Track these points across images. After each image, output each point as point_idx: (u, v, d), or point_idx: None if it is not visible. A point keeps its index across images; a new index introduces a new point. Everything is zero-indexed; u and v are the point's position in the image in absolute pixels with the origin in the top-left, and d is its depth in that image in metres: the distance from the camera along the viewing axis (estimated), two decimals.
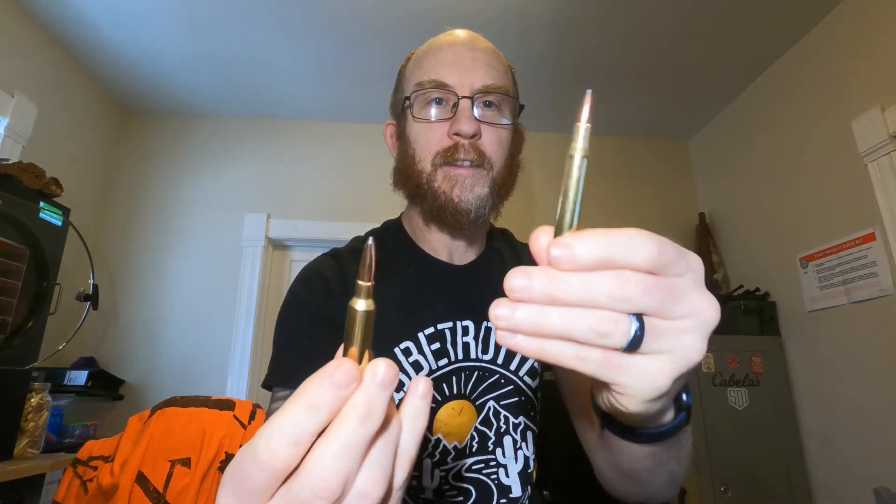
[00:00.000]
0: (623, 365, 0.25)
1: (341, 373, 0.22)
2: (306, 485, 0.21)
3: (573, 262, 0.23)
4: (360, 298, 0.24)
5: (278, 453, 0.21)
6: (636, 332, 0.24)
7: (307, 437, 0.22)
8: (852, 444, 1.79)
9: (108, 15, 1.99)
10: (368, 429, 0.22)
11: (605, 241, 0.23)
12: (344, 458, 0.21)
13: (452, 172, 0.63)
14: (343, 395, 0.22)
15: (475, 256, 0.73)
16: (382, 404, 0.22)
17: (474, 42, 0.68)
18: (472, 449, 0.63)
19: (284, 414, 0.22)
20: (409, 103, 0.67)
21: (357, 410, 0.22)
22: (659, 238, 0.24)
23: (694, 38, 2.09)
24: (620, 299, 0.23)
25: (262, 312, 2.43)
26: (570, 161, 0.25)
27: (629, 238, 0.24)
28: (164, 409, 1.10)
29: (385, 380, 0.22)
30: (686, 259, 0.25)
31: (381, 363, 0.23)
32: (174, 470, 0.99)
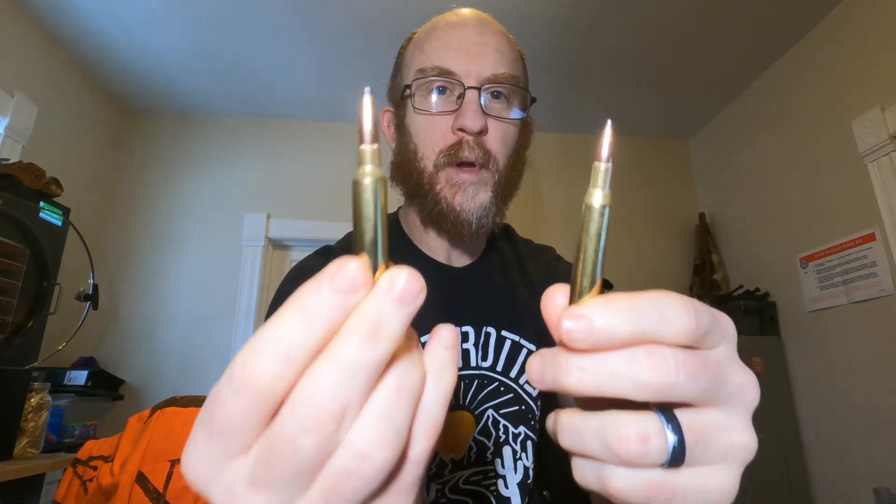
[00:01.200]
0: (669, 486, 0.19)
1: (344, 274, 0.17)
2: (291, 414, 0.16)
3: (591, 340, 0.19)
4: (365, 166, 0.18)
5: (261, 372, 0.16)
6: (674, 444, 0.19)
7: (299, 353, 0.17)
8: (852, 444, 1.79)
9: (109, 15, 1.99)
10: (375, 351, 0.17)
11: (631, 309, 0.19)
12: (340, 382, 0.16)
13: (456, 177, 0.59)
14: (347, 302, 0.17)
15: (475, 258, 0.69)
16: (397, 325, 0.17)
17: (483, 24, 0.62)
18: (469, 460, 0.59)
19: (270, 326, 0.17)
20: (411, 92, 0.61)
21: (362, 324, 0.17)
22: (691, 301, 0.20)
23: (694, 38, 2.09)
24: (657, 389, 0.18)
25: (262, 312, 2.43)
26: (590, 211, 0.20)
27: (660, 305, 0.19)
28: (164, 409, 1.10)
29: (405, 293, 0.17)
30: (720, 325, 0.21)
31: (402, 272, 0.18)
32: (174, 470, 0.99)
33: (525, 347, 0.63)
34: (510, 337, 0.63)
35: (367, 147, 0.18)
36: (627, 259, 2.60)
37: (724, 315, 0.21)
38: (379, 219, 0.18)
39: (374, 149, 0.18)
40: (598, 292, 0.20)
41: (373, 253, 0.18)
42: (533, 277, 0.69)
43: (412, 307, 0.17)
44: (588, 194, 0.20)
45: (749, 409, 0.21)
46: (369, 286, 0.17)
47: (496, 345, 0.62)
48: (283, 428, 0.17)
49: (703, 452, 0.20)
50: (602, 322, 0.18)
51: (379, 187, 0.18)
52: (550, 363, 0.20)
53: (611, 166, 0.20)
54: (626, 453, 0.19)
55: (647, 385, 0.18)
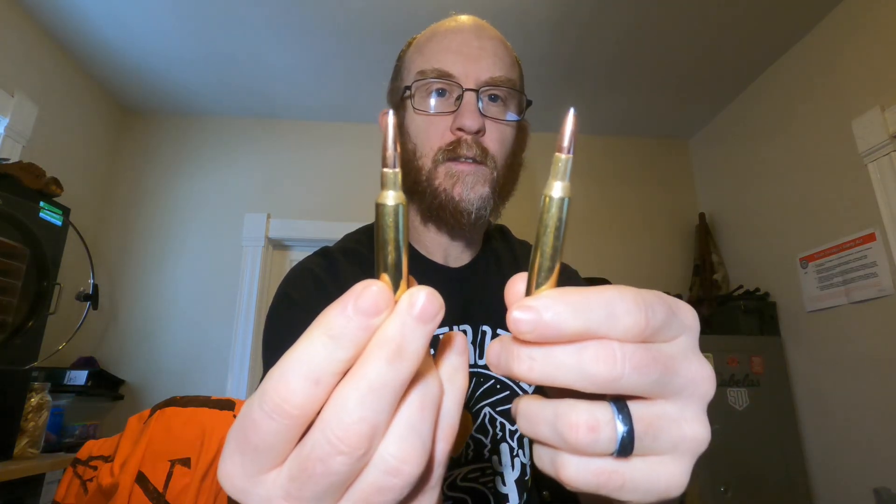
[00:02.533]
0: (618, 475, 0.20)
1: (368, 297, 0.18)
2: (323, 435, 0.17)
3: (539, 332, 0.19)
4: (388, 190, 0.19)
5: (292, 394, 0.17)
6: (623, 433, 0.19)
7: (327, 375, 0.17)
8: (852, 444, 1.79)
9: (109, 15, 1.99)
10: (399, 371, 0.17)
11: (581, 304, 0.19)
12: (368, 403, 0.17)
13: (454, 168, 0.60)
14: (371, 324, 0.18)
15: (471, 258, 0.70)
16: (418, 343, 0.18)
17: (481, 30, 0.64)
18: (467, 457, 0.59)
19: (299, 348, 0.18)
20: (410, 94, 0.63)
21: (386, 346, 0.17)
22: (646, 295, 0.20)
23: (694, 38, 2.09)
24: (603, 381, 0.19)
25: (262, 312, 2.43)
26: (549, 202, 0.19)
27: (611, 301, 0.19)
28: (164, 408, 1.10)
29: (425, 312, 0.18)
30: (678, 317, 0.21)
31: (421, 291, 0.18)
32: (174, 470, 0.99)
33: None
34: (506, 335, 0.63)
35: (389, 171, 0.19)
36: (627, 259, 2.60)
37: (685, 306, 0.21)
38: (401, 241, 0.19)
39: (396, 172, 0.19)
40: (554, 284, 0.20)
41: (394, 274, 0.19)
42: None
43: (432, 325, 0.18)
44: (548, 185, 0.20)
45: (703, 401, 0.21)
46: (391, 307, 0.18)
47: None
48: (314, 449, 0.17)
49: (653, 442, 0.20)
50: (550, 316, 0.19)
51: (401, 211, 0.19)
52: (505, 349, 0.21)
53: (572, 157, 0.19)
54: (576, 440, 0.19)
55: (594, 377, 0.19)
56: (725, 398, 1.99)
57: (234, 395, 2.10)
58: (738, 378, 2.02)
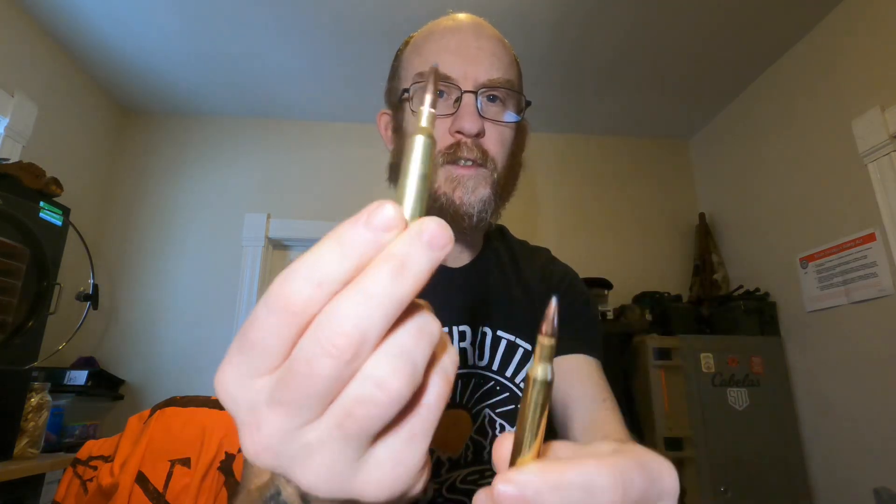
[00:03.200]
0: None
1: (382, 212, 0.18)
2: (313, 336, 0.17)
3: None
4: (425, 125, 0.20)
5: (294, 293, 0.17)
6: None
7: (331, 280, 0.18)
8: (852, 444, 1.79)
9: (109, 15, 1.99)
10: (399, 286, 0.18)
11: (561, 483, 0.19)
12: (363, 311, 0.17)
13: (454, 172, 0.59)
14: (381, 240, 0.18)
15: (471, 258, 0.69)
16: (422, 265, 0.18)
17: (479, 29, 0.63)
18: (466, 459, 0.59)
19: (308, 254, 0.18)
20: (409, 96, 0.62)
21: (390, 260, 0.18)
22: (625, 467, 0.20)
23: (694, 38, 2.09)
24: None
25: None
26: (533, 384, 0.21)
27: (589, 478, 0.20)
28: (164, 408, 1.10)
29: (434, 238, 0.18)
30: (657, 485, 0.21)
31: (432, 220, 0.19)
32: (174, 470, 0.99)
33: (521, 347, 0.64)
34: (506, 337, 0.64)
35: (428, 111, 0.20)
36: (628, 259, 2.60)
37: (666, 470, 0.22)
38: (424, 173, 0.20)
39: (433, 114, 0.20)
40: (535, 455, 0.22)
41: (411, 203, 0.20)
42: (528, 278, 0.70)
43: (439, 253, 0.18)
44: (532, 368, 0.21)
45: None
46: (402, 228, 0.18)
47: (492, 344, 0.63)
48: (302, 350, 0.18)
49: None
50: (531, 493, 0.19)
51: (428, 144, 0.20)
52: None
53: (554, 342, 0.21)
54: None
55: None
56: (725, 398, 1.99)
57: None
58: (738, 378, 2.02)
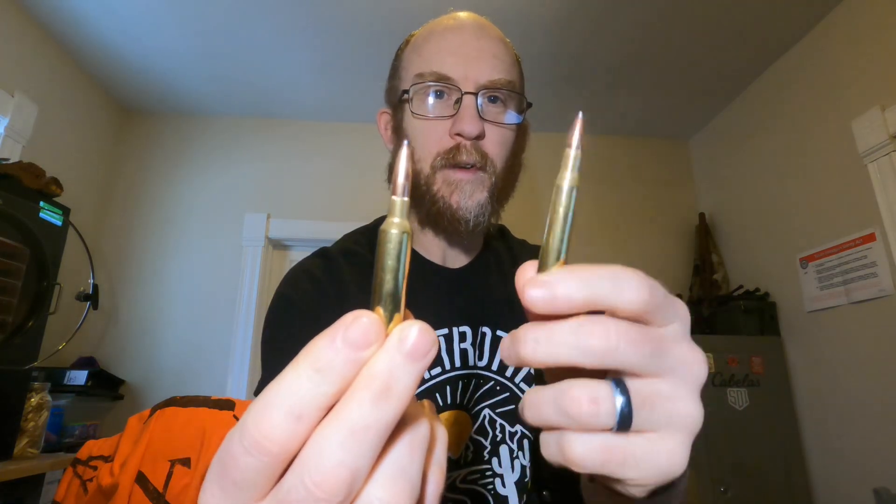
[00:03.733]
0: (620, 450, 0.21)
1: (358, 328, 0.17)
2: (300, 479, 0.16)
3: (553, 305, 0.20)
4: (394, 218, 0.18)
5: (273, 430, 0.16)
6: (622, 405, 0.20)
7: (311, 410, 0.16)
8: (852, 444, 1.79)
9: (109, 15, 1.99)
10: (384, 412, 0.16)
11: (589, 276, 0.20)
12: (349, 447, 0.16)
13: (453, 176, 0.59)
14: (360, 357, 0.17)
15: (471, 259, 0.69)
16: (406, 382, 0.17)
17: (481, 29, 0.62)
18: (466, 459, 0.59)
19: (282, 380, 0.17)
20: (409, 97, 0.61)
21: (372, 383, 0.16)
22: (647, 278, 0.21)
23: (694, 39, 2.09)
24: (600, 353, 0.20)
25: (261, 312, 2.43)
26: (558, 191, 0.22)
27: (616, 276, 0.20)
28: (164, 408, 1.10)
29: (416, 349, 0.17)
30: (674, 307, 0.22)
31: (413, 326, 0.17)
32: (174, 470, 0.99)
33: None
34: (505, 336, 0.63)
35: (398, 199, 0.19)
36: (627, 259, 2.60)
37: (680, 301, 0.23)
38: (401, 270, 0.18)
39: (404, 201, 0.19)
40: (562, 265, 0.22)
41: (389, 304, 0.18)
42: None
43: (423, 363, 0.17)
44: (559, 176, 0.22)
45: (695, 383, 0.22)
46: (382, 340, 0.17)
47: (492, 344, 0.63)
48: (290, 492, 0.16)
49: (650, 417, 0.21)
50: (562, 289, 0.20)
51: (405, 240, 0.18)
52: (513, 339, 0.22)
53: (580, 153, 0.22)
54: (579, 413, 0.20)
55: (590, 350, 0.20)
56: (725, 398, 1.99)
57: (234, 395, 2.10)
58: (738, 378, 2.02)
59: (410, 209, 0.65)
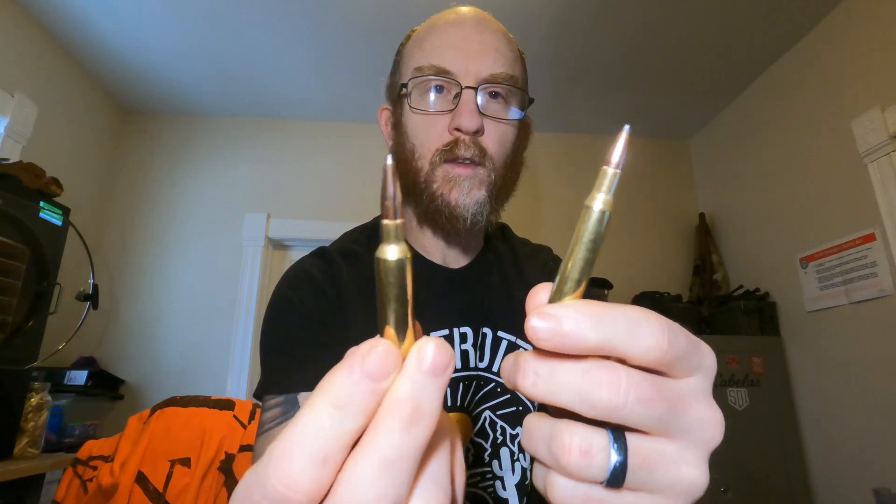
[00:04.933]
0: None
1: (375, 358, 0.16)
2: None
3: (556, 342, 0.18)
4: (389, 244, 0.17)
5: (297, 477, 0.15)
6: (616, 464, 0.19)
7: (336, 450, 0.16)
8: (852, 444, 1.79)
9: (109, 15, 1.99)
10: (416, 437, 0.16)
11: (603, 318, 0.18)
12: (387, 477, 0.15)
13: (452, 172, 0.58)
14: (381, 388, 0.16)
15: (471, 259, 0.68)
16: (434, 401, 0.17)
17: (483, 23, 0.61)
18: (467, 463, 0.58)
19: (302, 422, 0.16)
20: (407, 91, 0.60)
21: (400, 410, 0.16)
22: (672, 324, 0.19)
23: (694, 39, 2.09)
24: (604, 408, 0.18)
25: (261, 312, 2.43)
26: (587, 214, 0.19)
27: (635, 320, 0.18)
28: (164, 408, 1.10)
29: (437, 365, 0.17)
30: (699, 354, 0.20)
31: (429, 343, 0.17)
32: (174, 470, 0.99)
33: (522, 348, 0.62)
34: (506, 337, 0.63)
35: (390, 223, 0.17)
36: (627, 259, 2.60)
37: (707, 347, 0.21)
38: (406, 297, 0.18)
39: (398, 224, 0.17)
40: (579, 296, 0.20)
41: (400, 327, 0.18)
42: (529, 278, 0.69)
43: (445, 378, 0.17)
44: (590, 197, 0.19)
45: (707, 447, 0.20)
46: (400, 366, 0.17)
47: (492, 345, 0.62)
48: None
49: (647, 478, 0.19)
50: (569, 326, 0.18)
51: (405, 266, 0.17)
52: (513, 364, 0.20)
53: (619, 173, 0.19)
54: (567, 463, 0.19)
55: (595, 403, 0.18)
56: (725, 398, 1.99)
57: (234, 395, 2.10)
58: (738, 378, 2.02)
59: (408, 204, 0.65)
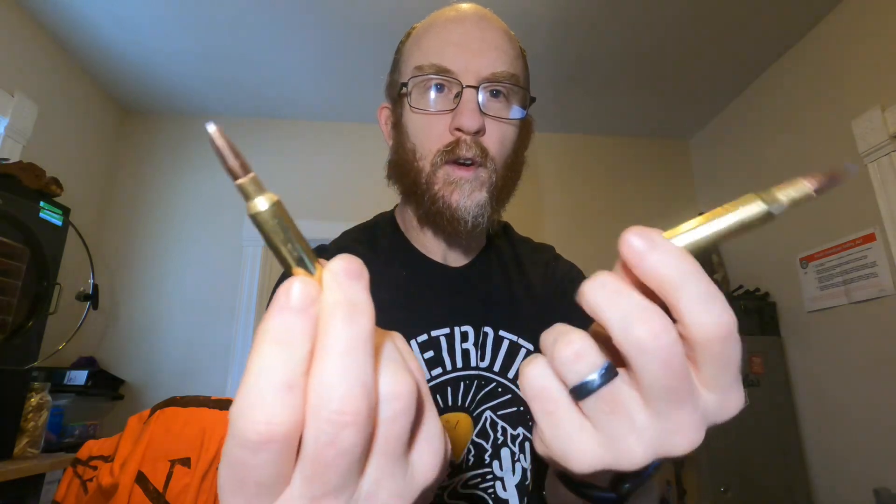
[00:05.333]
0: (551, 403, 0.21)
1: (297, 293, 0.17)
2: (323, 419, 0.16)
3: (635, 258, 0.20)
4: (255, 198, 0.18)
5: (274, 410, 0.16)
6: (590, 381, 0.20)
7: (297, 377, 0.17)
8: (852, 444, 1.79)
9: (109, 15, 1.99)
10: (362, 324, 0.17)
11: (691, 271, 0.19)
12: (350, 364, 0.17)
13: (453, 175, 0.57)
14: (310, 315, 0.17)
15: (473, 257, 0.67)
16: (363, 294, 0.18)
17: (483, 21, 0.60)
18: (467, 463, 0.57)
19: (255, 365, 0.17)
20: (407, 91, 0.59)
21: (339, 309, 0.17)
22: (736, 340, 0.20)
23: (694, 39, 2.09)
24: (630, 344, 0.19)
25: (261, 312, 2.43)
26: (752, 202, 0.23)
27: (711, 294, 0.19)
28: (164, 408, 1.10)
29: (350, 270, 0.18)
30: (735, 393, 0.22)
31: (334, 260, 0.19)
32: (174, 470, 0.99)
33: (523, 347, 0.62)
34: (508, 337, 0.62)
35: (244, 180, 0.18)
36: None
37: (740, 399, 0.22)
38: (293, 235, 0.18)
39: (252, 177, 0.18)
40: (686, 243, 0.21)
41: (304, 264, 0.19)
42: (530, 277, 0.68)
43: (364, 280, 0.18)
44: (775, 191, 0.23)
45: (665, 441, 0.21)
46: (319, 292, 0.18)
47: (494, 345, 0.62)
48: (318, 437, 0.16)
49: (601, 415, 0.21)
50: (657, 255, 0.19)
51: (278, 208, 0.18)
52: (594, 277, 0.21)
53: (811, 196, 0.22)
54: (560, 351, 0.21)
55: (628, 333, 0.19)
56: None
57: (234, 395, 2.09)
58: None
59: (408, 204, 0.65)
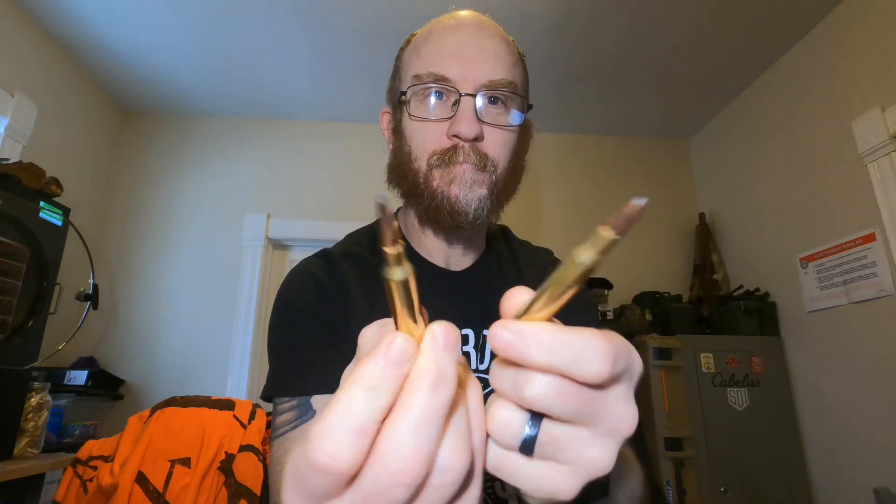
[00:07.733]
0: (514, 467, 0.23)
1: (396, 347, 0.20)
2: (384, 471, 0.18)
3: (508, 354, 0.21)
4: (393, 266, 0.21)
5: (340, 449, 0.18)
6: (527, 436, 0.22)
7: (371, 425, 0.19)
8: (852, 444, 1.79)
9: (109, 15, 1.99)
10: (443, 396, 0.19)
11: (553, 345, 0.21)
12: (423, 432, 0.19)
13: (452, 171, 0.58)
14: (403, 371, 0.20)
15: (473, 261, 0.68)
16: (452, 367, 0.20)
17: (482, 28, 0.61)
18: None
19: (341, 403, 0.19)
20: (406, 99, 0.60)
21: (427, 376, 0.19)
22: (615, 348, 0.21)
23: (694, 39, 2.09)
24: (528, 400, 0.21)
25: (262, 312, 2.43)
26: (572, 266, 0.20)
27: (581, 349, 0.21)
28: (164, 408, 1.10)
29: (448, 341, 0.20)
30: (630, 366, 0.23)
31: (436, 326, 0.21)
32: (174, 470, 0.99)
33: None
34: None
35: (392, 250, 0.21)
36: (628, 259, 2.60)
37: (637, 355, 0.24)
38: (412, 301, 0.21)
39: (399, 251, 0.21)
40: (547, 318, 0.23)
41: (411, 319, 0.22)
42: (529, 281, 0.69)
43: (457, 352, 0.21)
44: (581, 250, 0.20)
45: (617, 437, 0.23)
46: (417, 351, 0.20)
47: None
48: (376, 484, 0.19)
49: (554, 453, 0.23)
50: (521, 347, 0.21)
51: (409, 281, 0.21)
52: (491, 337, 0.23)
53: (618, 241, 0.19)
54: (490, 429, 0.23)
55: (522, 395, 0.22)
56: (725, 398, 1.99)
57: (234, 395, 2.09)
58: (738, 378, 2.02)
59: (409, 206, 0.66)
